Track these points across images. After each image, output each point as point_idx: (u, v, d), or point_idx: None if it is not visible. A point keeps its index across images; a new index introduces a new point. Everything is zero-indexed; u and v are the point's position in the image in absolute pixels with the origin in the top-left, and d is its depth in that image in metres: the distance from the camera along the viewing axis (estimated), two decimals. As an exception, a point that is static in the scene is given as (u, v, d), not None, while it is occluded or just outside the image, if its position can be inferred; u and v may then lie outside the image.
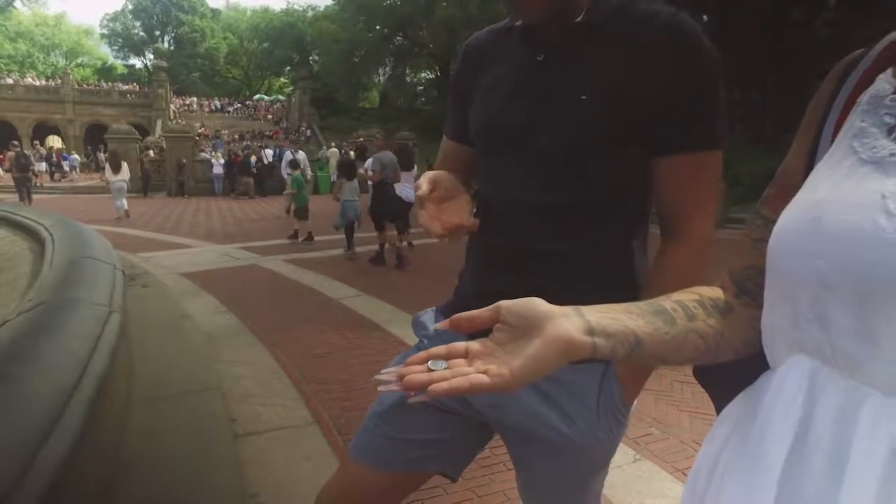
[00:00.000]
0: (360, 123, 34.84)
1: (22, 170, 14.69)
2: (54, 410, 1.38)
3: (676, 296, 0.61)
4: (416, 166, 7.10)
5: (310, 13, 57.24)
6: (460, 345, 0.55)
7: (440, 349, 0.55)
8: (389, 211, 6.97)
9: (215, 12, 60.59)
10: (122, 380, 2.27)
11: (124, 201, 12.62)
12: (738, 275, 0.61)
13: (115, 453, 1.85)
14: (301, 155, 16.85)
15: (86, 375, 1.65)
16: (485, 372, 0.51)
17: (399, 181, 6.94)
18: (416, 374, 0.52)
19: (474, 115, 1.02)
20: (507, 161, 0.96)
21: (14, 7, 52.54)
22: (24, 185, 14.47)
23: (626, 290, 0.89)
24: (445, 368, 0.52)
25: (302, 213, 9.10)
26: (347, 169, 7.64)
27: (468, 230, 0.90)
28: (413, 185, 8.15)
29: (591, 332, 0.52)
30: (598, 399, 0.92)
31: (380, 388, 0.54)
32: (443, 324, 0.57)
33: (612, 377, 0.92)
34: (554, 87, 0.90)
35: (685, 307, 0.59)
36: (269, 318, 4.56)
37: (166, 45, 58.61)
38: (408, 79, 49.15)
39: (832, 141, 0.53)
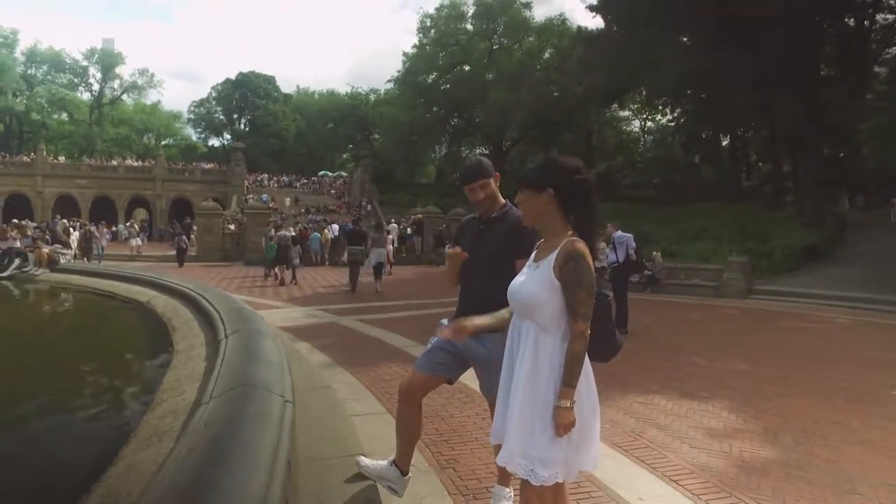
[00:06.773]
0: (418, 198, 36.98)
1: (86, 241, 19.84)
2: (283, 373, 3.05)
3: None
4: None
5: (372, 97, 61.70)
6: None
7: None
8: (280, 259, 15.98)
9: (287, 97, 66.02)
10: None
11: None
12: None
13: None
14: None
15: (284, 373, 3.33)
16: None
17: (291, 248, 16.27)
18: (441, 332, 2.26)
19: (461, 245, 2.73)
20: (469, 261, 2.66)
21: (121, 100, 60.66)
22: (88, 252, 19.40)
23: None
24: (446, 326, 2.24)
25: (271, 262, 16.61)
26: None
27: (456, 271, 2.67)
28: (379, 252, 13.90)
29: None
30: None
31: (433, 339, 2.32)
32: (447, 329, 2.28)
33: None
34: (484, 237, 2.64)
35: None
36: (350, 357, 6.26)
37: (242, 126, 64.53)
38: (463, 156, 51.94)
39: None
